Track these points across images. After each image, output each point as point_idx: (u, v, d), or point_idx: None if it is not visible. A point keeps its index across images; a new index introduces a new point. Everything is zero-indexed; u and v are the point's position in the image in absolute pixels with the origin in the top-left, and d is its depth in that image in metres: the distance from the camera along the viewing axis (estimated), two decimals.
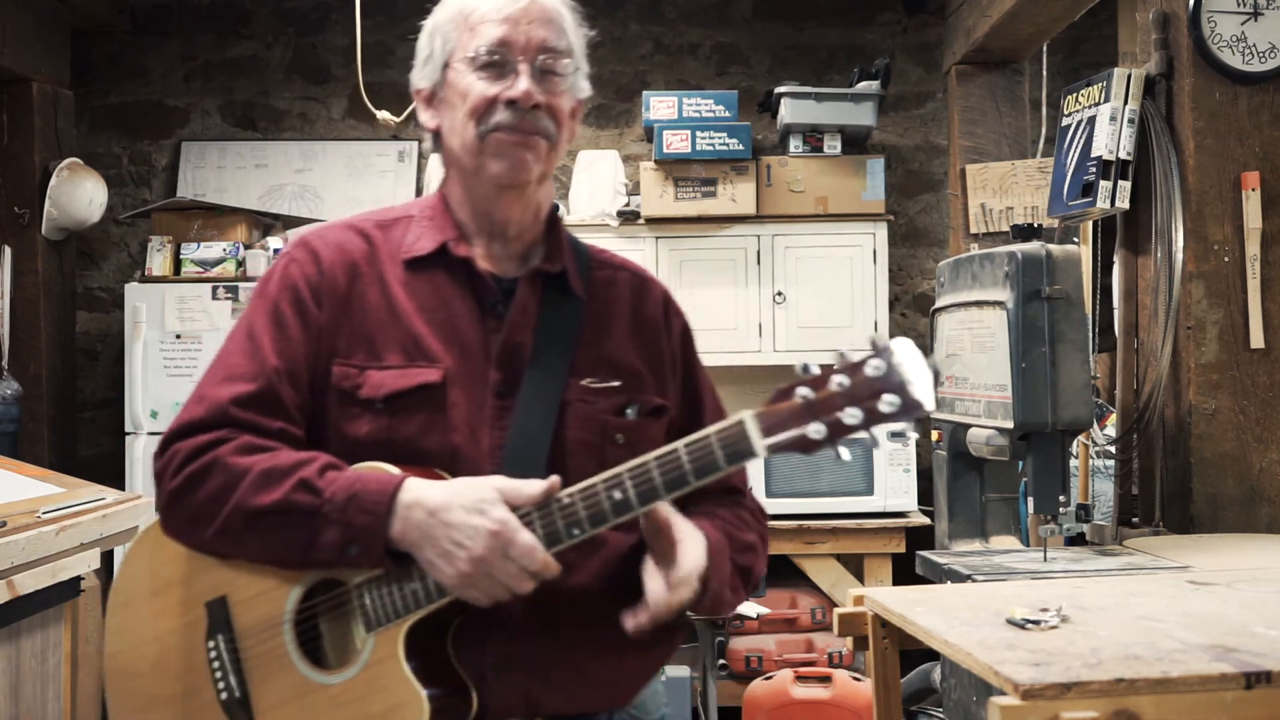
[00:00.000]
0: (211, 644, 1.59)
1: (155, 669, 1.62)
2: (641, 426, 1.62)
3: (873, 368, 1.35)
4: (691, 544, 1.52)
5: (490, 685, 1.54)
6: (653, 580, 1.51)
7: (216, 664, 1.58)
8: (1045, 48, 4.90)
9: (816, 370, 1.39)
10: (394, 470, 1.50)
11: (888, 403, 1.34)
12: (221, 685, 1.58)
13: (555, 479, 1.47)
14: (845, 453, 1.37)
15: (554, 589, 1.51)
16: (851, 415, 1.35)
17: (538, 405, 1.58)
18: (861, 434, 1.35)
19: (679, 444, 1.42)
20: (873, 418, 1.34)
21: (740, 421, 1.39)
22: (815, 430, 1.35)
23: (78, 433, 5.37)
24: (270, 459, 1.52)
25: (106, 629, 1.68)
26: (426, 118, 1.67)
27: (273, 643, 1.55)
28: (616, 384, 1.62)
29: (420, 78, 1.67)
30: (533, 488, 1.47)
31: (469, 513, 1.44)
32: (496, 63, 1.59)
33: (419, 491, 1.47)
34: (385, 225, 1.68)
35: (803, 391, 1.37)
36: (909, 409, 1.34)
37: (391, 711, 1.47)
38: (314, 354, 1.59)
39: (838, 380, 1.36)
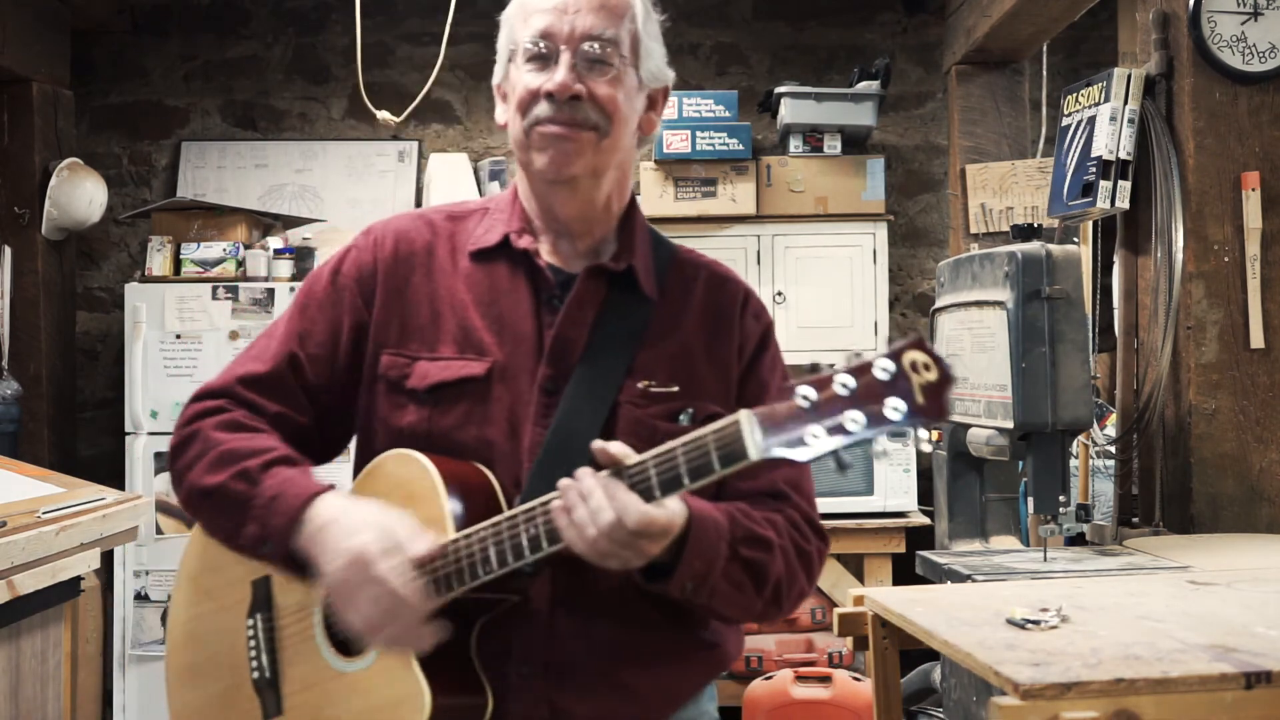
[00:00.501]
0: (250, 622, 1.61)
1: (200, 645, 1.64)
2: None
3: (881, 369, 1.24)
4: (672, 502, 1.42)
5: (513, 690, 1.51)
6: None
7: (253, 643, 1.60)
8: (1045, 48, 4.90)
9: (822, 372, 1.30)
10: (322, 483, 1.52)
11: (893, 408, 1.23)
12: (254, 665, 1.60)
13: (447, 540, 1.45)
14: (846, 459, 1.29)
15: (585, 593, 1.50)
16: (853, 420, 1.24)
17: (585, 404, 1.55)
18: (863, 440, 1.26)
19: (678, 442, 1.36)
20: (876, 423, 1.24)
21: (736, 421, 1.31)
22: (813, 434, 1.27)
23: (78, 433, 5.37)
24: (238, 441, 1.54)
25: (171, 604, 1.70)
26: (500, 113, 1.66)
27: (304, 624, 1.56)
28: (675, 389, 1.57)
29: (497, 74, 1.66)
30: (422, 544, 1.45)
31: (359, 530, 1.45)
32: (543, 54, 1.57)
33: (321, 508, 1.48)
34: (458, 217, 1.68)
35: (804, 391, 1.28)
36: (916, 416, 1.23)
37: (395, 705, 1.46)
38: (354, 343, 1.61)
39: (842, 381, 1.26)
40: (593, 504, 1.37)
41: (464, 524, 1.47)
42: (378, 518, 1.47)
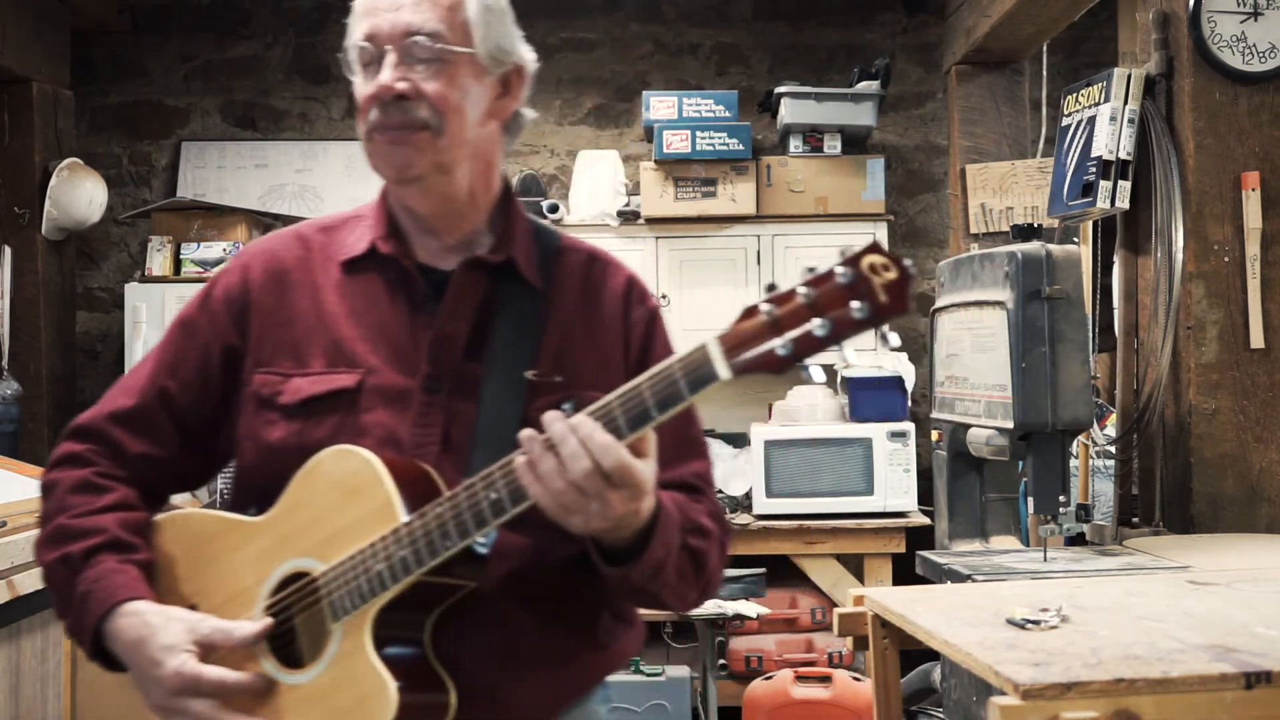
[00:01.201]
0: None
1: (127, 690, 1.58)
2: None
3: (841, 275, 1.23)
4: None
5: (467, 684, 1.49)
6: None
7: None
8: (1045, 48, 4.90)
9: (783, 287, 1.27)
10: (129, 587, 1.50)
11: (857, 309, 1.22)
12: None
13: (269, 622, 1.47)
14: (817, 371, 1.28)
15: (474, 606, 1.48)
16: (820, 327, 1.24)
17: (470, 400, 1.52)
18: (832, 347, 1.26)
19: (642, 378, 1.32)
20: (842, 328, 1.23)
21: (703, 346, 1.29)
22: (783, 347, 1.25)
23: None
24: (78, 509, 1.55)
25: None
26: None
27: (241, 647, 1.52)
28: (559, 379, 1.54)
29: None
30: (242, 630, 1.46)
31: (150, 664, 1.46)
32: (369, 58, 1.54)
33: (120, 624, 1.48)
34: (330, 228, 1.65)
35: (766, 308, 1.26)
36: (881, 313, 1.23)
37: (360, 703, 1.42)
38: (225, 368, 1.60)
39: (803, 293, 1.25)
40: (565, 450, 1.31)
41: (413, 509, 1.43)
42: (176, 638, 1.46)
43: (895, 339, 1.27)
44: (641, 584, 1.45)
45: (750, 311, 1.27)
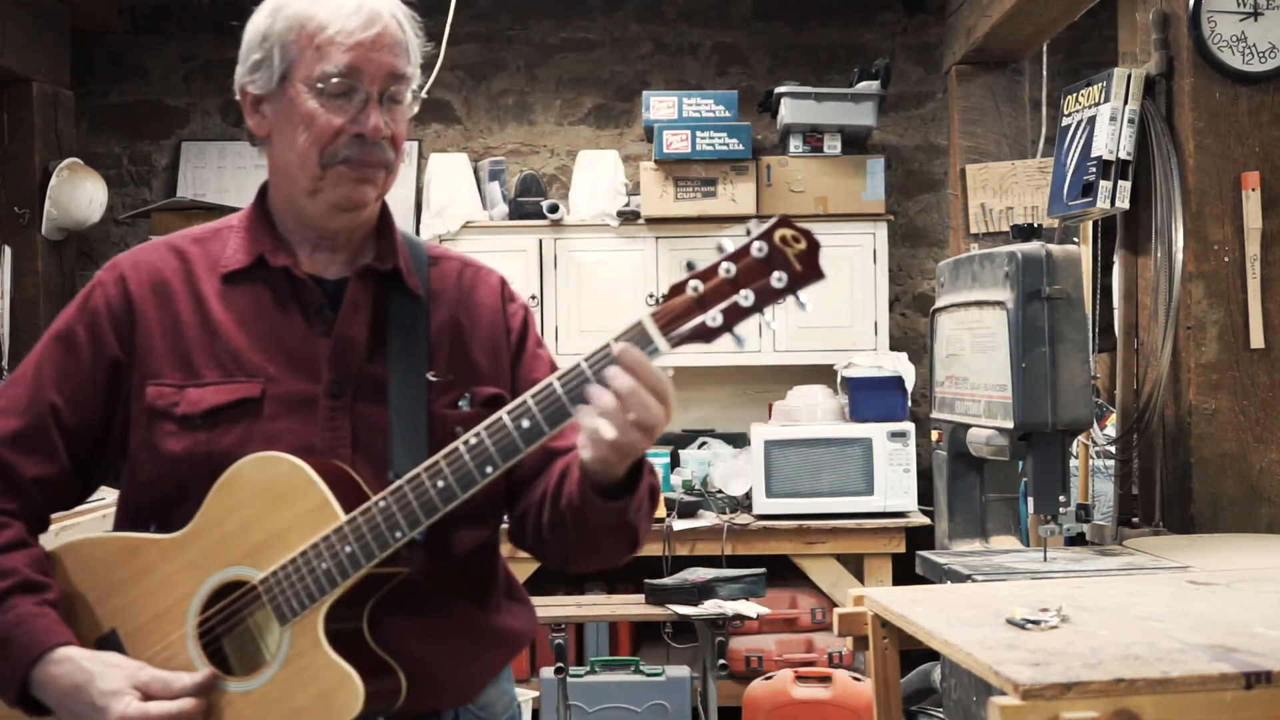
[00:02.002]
0: None
1: None
2: (479, 416, 1.52)
3: (757, 249, 1.36)
4: None
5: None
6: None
7: None
8: (1045, 48, 4.90)
9: (704, 264, 1.39)
10: (55, 632, 1.49)
11: (777, 279, 1.36)
12: None
13: (209, 671, 1.48)
14: (744, 338, 1.38)
15: (402, 592, 1.52)
16: (745, 298, 1.36)
17: (375, 402, 1.57)
18: (756, 315, 1.37)
19: (580, 358, 1.41)
20: (765, 297, 1.36)
21: (638, 322, 1.39)
22: (713, 318, 1.37)
23: None
24: None
25: None
26: (254, 123, 1.62)
27: (177, 662, 1.51)
28: (451, 378, 1.61)
29: (251, 82, 1.60)
30: (182, 681, 1.46)
31: (92, 710, 1.45)
32: (344, 90, 1.55)
33: (53, 671, 1.47)
34: (202, 239, 1.65)
35: (693, 285, 1.37)
36: (797, 280, 1.37)
37: (324, 698, 1.44)
38: (111, 382, 1.58)
39: (725, 267, 1.37)
40: (628, 392, 1.39)
41: (348, 507, 1.46)
42: (116, 683, 1.46)
43: (809, 305, 1.39)
44: (631, 517, 1.53)
45: (678, 289, 1.38)
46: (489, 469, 1.44)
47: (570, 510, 1.55)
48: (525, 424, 1.43)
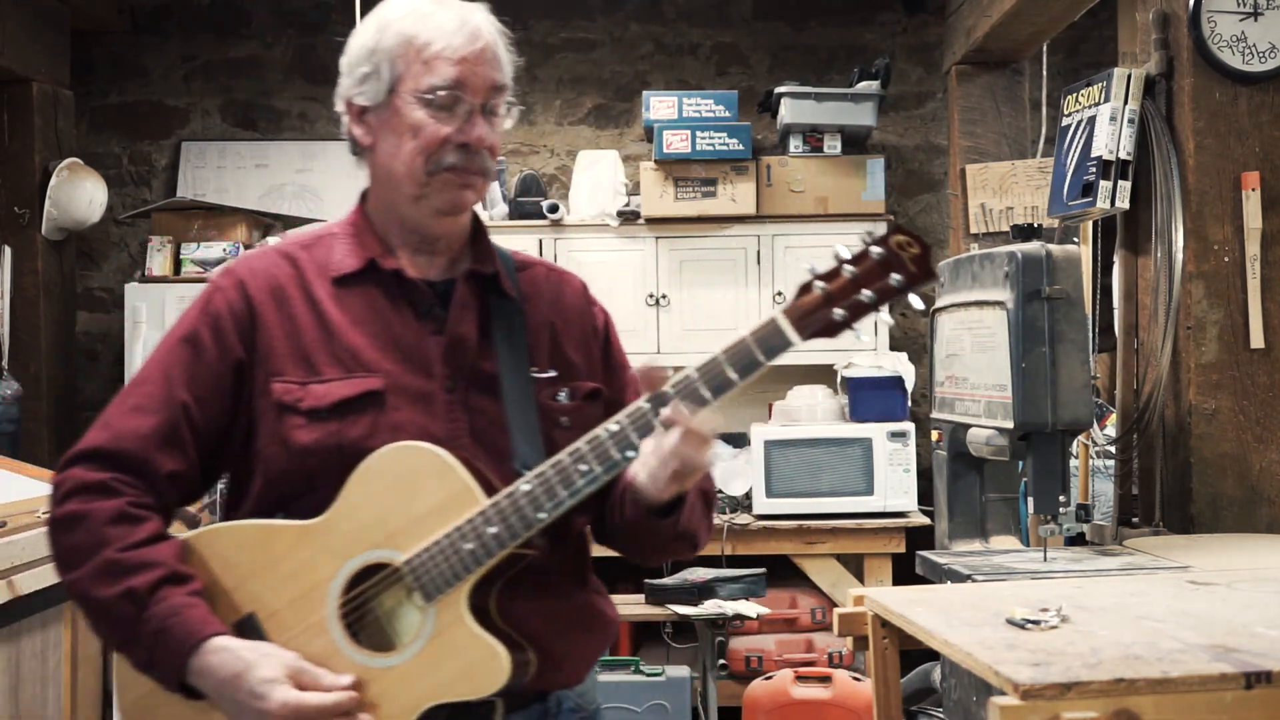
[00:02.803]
0: None
1: (187, 704, 1.60)
2: (580, 409, 1.71)
3: (875, 253, 1.51)
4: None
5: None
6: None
7: None
8: (1045, 48, 4.90)
9: (825, 267, 1.54)
10: (209, 622, 1.55)
11: (895, 280, 1.51)
12: None
13: (350, 678, 1.54)
14: (865, 334, 1.55)
15: (525, 574, 1.60)
16: (867, 296, 1.51)
17: (487, 396, 1.67)
18: (875, 312, 1.53)
19: (717, 351, 1.54)
20: (884, 295, 1.51)
21: (772, 319, 1.53)
22: (838, 314, 1.52)
23: (78, 433, 5.31)
24: (124, 541, 1.57)
25: (122, 669, 1.67)
26: (360, 133, 1.73)
27: (319, 643, 1.58)
28: (554, 374, 1.72)
29: (359, 94, 1.72)
30: (332, 680, 1.53)
31: (252, 697, 1.51)
32: (450, 103, 1.65)
33: (211, 660, 1.53)
34: (309, 246, 1.74)
35: (820, 285, 1.53)
36: (912, 281, 1.51)
37: (470, 669, 1.54)
38: (235, 381, 1.66)
39: (848, 269, 1.52)
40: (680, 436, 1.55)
41: (487, 491, 1.56)
42: (274, 671, 1.52)
43: (919, 303, 1.53)
44: (685, 525, 1.68)
45: (806, 288, 1.53)
46: (630, 452, 1.55)
47: (633, 520, 1.68)
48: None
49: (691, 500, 1.67)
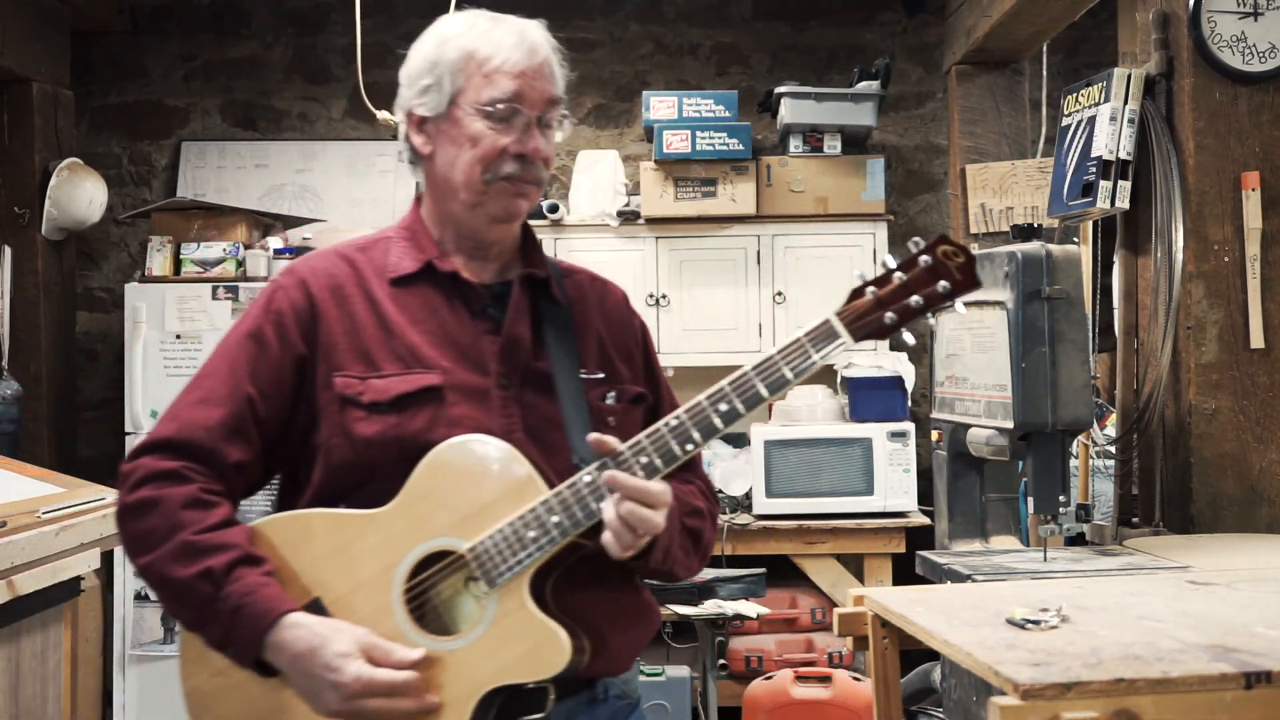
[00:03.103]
0: None
1: (260, 683, 1.65)
2: (627, 410, 1.79)
3: (924, 262, 1.59)
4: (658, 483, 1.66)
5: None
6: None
7: None
8: (1045, 48, 4.90)
9: (874, 273, 1.61)
10: (284, 599, 1.61)
11: (941, 287, 1.59)
12: None
13: (424, 651, 1.61)
14: (909, 336, 1.62)
15: (579, 565, 1.66)
16: (915, 302, 1.59)
17: (541, 394, 1.74)
18: (923, 317, 1.60)
19: (772, 351, 1.62)
20: (932, 300, 1.59)
21: (826, 320, 1.62)
22: (889, 318, 1.60)
23: (78, 433, 5.37)
24: (198, 524, 1.63)
25: (188, 654, 1.72)
26: (419, 141, 1.78)
27: (384, 627, 1.63)
28: (601, 375, 1.80)
29: (420, 105, 1.77)
30: (401, 653, 1.59)
31: (326, 670, 1.57)
32: (508, 115, 1.72)
33: (287, 635, 1.59)
34: (365, 249, 1.82)
35: (871, 290, 1.61)
36: (958, 288, 1.59)
37: (533, 652, 1.60)
38: (297, 376, 1.72)
39: (898, 276, 1.60)
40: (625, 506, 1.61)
41: (549, 484, 1.64)
42: (348, 646, 1.58)
43: (963, 308, 1.62)
44: (656, 566, 1.73)
45: (858, 293, 1.61)
46: (689, 446, 1.63)
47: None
48: (723, 407, 1.62)
49: (664, 544, 1.69)
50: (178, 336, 4.78)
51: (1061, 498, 2.63)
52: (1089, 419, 2.70)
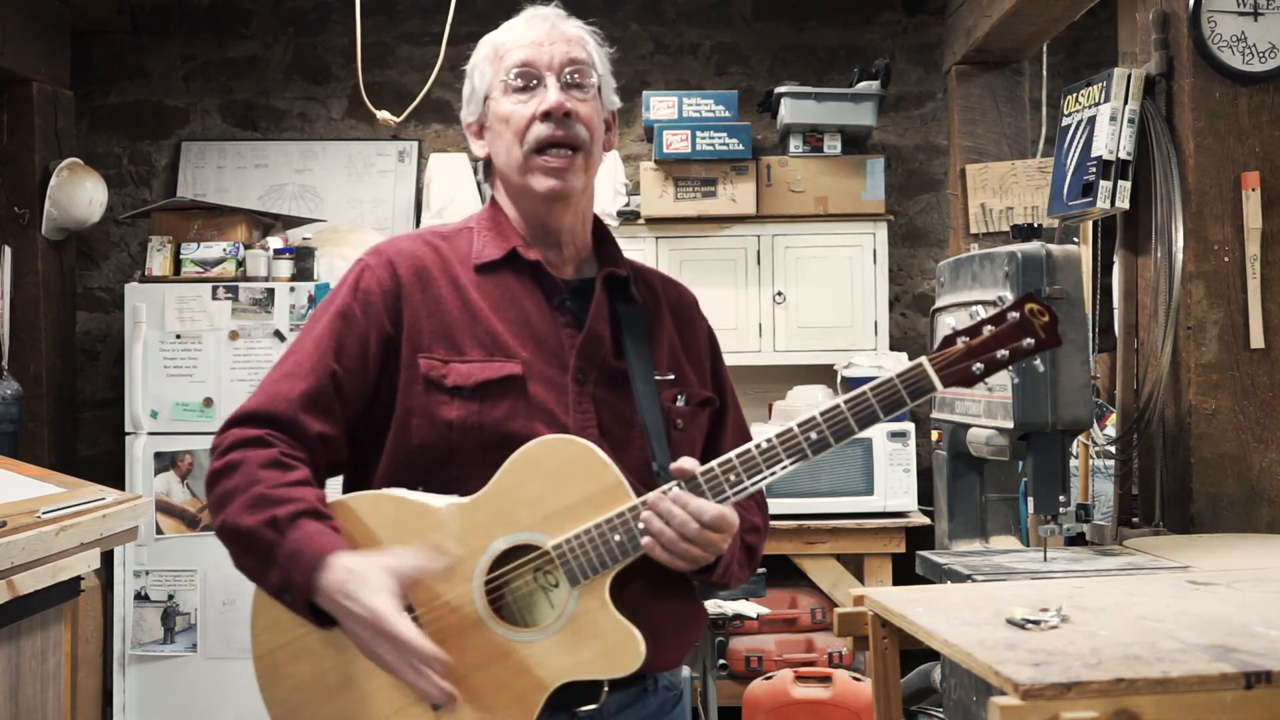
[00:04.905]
0: None
1: (335, 649, 1.68)
2: (694, 414, 1.83)
3: (1012, 318, 1.68)
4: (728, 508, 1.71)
5: None
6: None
7: None
8: (1045, 48, 4.90)
9: (967, 324, 1.70)
10: (337, 544, 1.63)
11: (1028, 343, 1.68)
12: None
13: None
14: (990, 381, 1.72)
15: (639, 568, 1.69)
16: (1001, 355, 1.68)
17: (616, 392, 1.77)
18: (1005, 369, 1.69)
19: (865, 388, 1.67)
20: (1016, 355, 1.68)
21: (920, 364, 1.68)
22: (977, 368, 1.68)
23: (78, 433, 5.37)
24: (274, 483, 1.66)
25: (259, 622, 1.75)
26: (478, 148, 1.85)
27: (463, 613, 1.66)
28: (672, 377, 1.83)
29: (468, 114, 1.85)
30: (437, 561, 1.62)
31: (346, 598, 1.59)
32: (527, 84, 1.77)
33: (332, 576, 1.60)
34: (448, 236, 1.85)
35: (963, 339, 1.69)
36: (1042, 345, 1.68)
37: (610, 651, 1.65)
38: (382, 353, 1.75)
39: (988, 329, 1.68)
40: (676, 521, 1.67)
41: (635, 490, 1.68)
42: (383, 578, 1.59)
43: (1042, 366, 1.73)
44: (716, 581, 1.79)
45: (949, 341, 1.70)
46: (778, 468, 1.68)
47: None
48: (814, 436, 1.67)
49: (726, 561, 1.75)
50: (178, 336, 4.77)
51: (1061, 498, 2.63)
52: (1089, 419, 2.71)
